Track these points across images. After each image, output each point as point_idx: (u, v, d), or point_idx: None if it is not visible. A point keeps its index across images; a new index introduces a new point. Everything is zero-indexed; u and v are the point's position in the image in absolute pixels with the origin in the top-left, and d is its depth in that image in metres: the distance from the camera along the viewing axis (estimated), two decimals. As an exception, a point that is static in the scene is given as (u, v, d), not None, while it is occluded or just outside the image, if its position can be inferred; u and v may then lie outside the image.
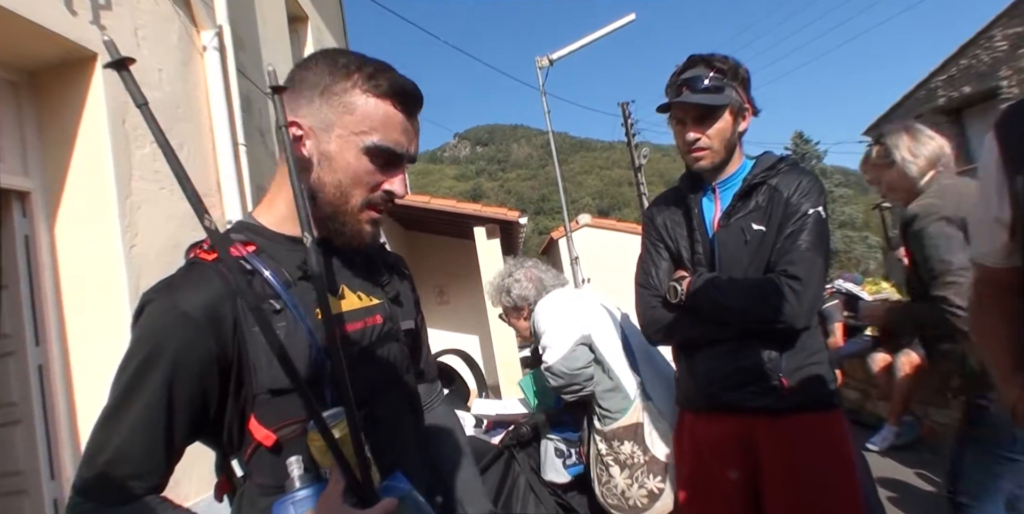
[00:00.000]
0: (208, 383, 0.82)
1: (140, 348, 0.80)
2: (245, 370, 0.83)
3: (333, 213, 0.93)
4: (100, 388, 0.84)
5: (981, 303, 1.30)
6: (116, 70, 0.76)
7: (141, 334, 0.82)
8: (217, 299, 0.82)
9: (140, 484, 0.78)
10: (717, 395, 1.60)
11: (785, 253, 1.54)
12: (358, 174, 0.91)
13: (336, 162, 0.90)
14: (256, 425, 0.83)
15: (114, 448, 0.77)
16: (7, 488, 2.53)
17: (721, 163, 1.66)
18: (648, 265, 1.78)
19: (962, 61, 13.41)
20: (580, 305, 2.32)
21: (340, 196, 0.91)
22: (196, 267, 0.86)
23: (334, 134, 0.90)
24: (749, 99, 1.67)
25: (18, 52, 2.71)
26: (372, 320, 0.97)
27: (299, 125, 0.90)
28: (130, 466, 0.77)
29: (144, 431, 0.78)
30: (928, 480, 3.80)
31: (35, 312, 2.68)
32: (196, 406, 0.81)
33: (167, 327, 0.80)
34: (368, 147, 0.90)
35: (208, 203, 3.59)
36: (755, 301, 1.52)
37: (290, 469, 0.80)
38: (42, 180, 2.85)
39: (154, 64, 3.33)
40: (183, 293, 0.82)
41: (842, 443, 1.57)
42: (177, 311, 0.80)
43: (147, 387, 0.78)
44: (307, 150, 0.90)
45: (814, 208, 1.56)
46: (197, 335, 0.80)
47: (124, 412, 0.78)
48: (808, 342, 1.57)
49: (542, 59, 11.40)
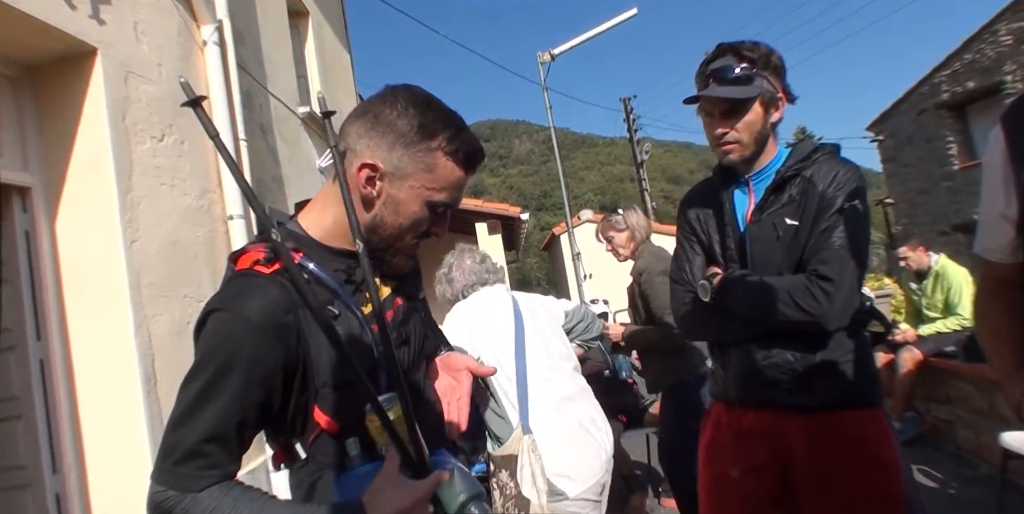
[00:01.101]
0: (274, 385, 0.89)
1: (214, 356, 0.87)
2: (309, 371, 0.92)
3: (384, 248, 1.01)
4: (101, 382, 0.86)
5: (985, 299, 1.28)
6: (191, 108, 0.86)
7: (212, 344, 0.88)
8: (281, 310, 0.89)
9: (215, 472, 0.85)
10: (752, 391, 1.56)
11: (817, 251, 1.47)
12: (418, 222, 1.00)
13: (402, 208, 0.98)
14: (320, 414, 0.92)
15: (193, 440, 0.84)
16: (10, 482, 2.54)
17: (752, 156, 1.58)
18: (682, 260, 1.72)
19: (966, 56, 13.34)
20: (484, 318, 2.24)
21: (396, 237, 1.00)
22: (257, 279, 0.91)
23: (407, 184, 0.97)
24: (783, 87, 1.58)
25: (18, 47, 2.70)
26: (397, 302, 1.08)
27: (376, 167, 0.96)
28: (208, 457, 0.85)
29: (221, 425, 0.85)
30: (930, 476, 3.80)
31: (36, 307, 2.68)
32: (263, 405, 0.89)
33: (240, 337, 0.87)
34: (434, 203, 0.99)
35: (209, 199, 3.61)
36: (784, 303, 1.46)
37: (349, 449, 0.91)
38: (42, 176, 2.84)
39: (154, 59, 3.32)
40: (250, 304, 0.88)
41: (880, 442, 1.49)
42: (248, 322, 0.87)
43: (222, 392, 0.85)
44: (376, 189, 0.97)
45: (850, 202, 1.48)
46: (267, 344, 0.87)
47: (203, 410, 0.85)
48: (844, 339, 1.51)
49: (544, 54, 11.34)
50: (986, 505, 3.17)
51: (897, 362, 4.45)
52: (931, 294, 4.54)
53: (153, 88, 3.25)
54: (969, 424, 4.02)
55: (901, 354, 4.44)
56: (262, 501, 0.85)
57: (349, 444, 0.91)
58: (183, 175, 3.39)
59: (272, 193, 4.60)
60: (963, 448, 4.10)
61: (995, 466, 3.33)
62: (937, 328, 4.39)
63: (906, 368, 4.38)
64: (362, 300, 1.00)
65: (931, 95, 14.46)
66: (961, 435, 4.13)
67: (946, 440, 4.33)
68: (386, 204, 0.98)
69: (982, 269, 1.27)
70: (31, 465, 2.53)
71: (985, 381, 3.71)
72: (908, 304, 4.94)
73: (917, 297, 4.70)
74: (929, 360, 4.33)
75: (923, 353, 4.35)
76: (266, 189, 4.45)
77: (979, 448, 3.88)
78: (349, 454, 0.91)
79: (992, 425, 3.53)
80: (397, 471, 0.86)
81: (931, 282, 4.53)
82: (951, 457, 4.11)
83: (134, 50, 3.16)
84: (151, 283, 2.92)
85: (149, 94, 3.21)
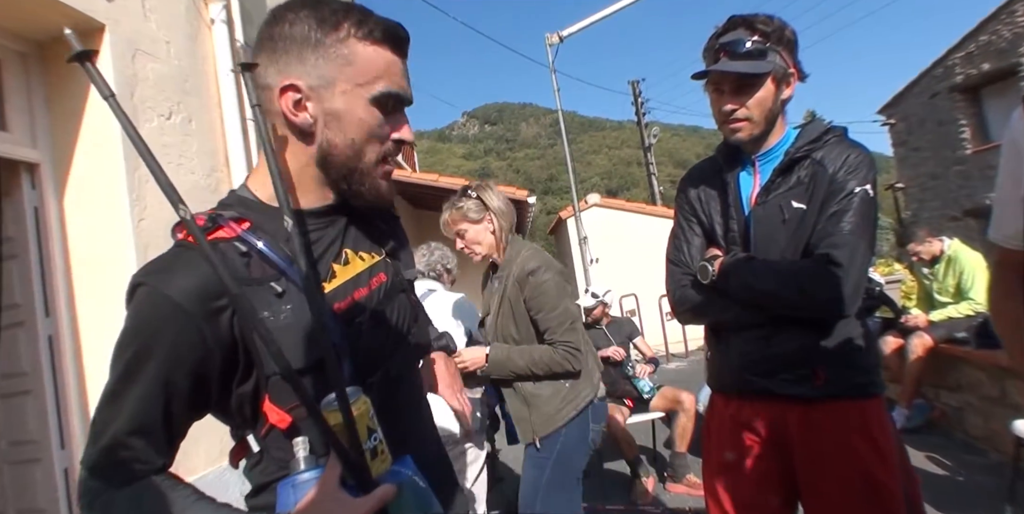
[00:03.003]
0: (207, 371, 0.79)
1: (134, 338, 0.78)
2: (253, 354, 0.81)
3: (348, 173, 0.88)
4: (108, 359, 0.83)
5: (1002, 290, 1.24)
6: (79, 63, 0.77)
7: (134, 324, 0.79)
8: (213, 287, 0.77)
9: (142, 467, 0.78)
10: (749, 381, 1.52)
11: (827, 235, 1.42)
12: (371, 128, 0.86)
13: (345, 119, 0.85)
14: (270, 406, 0.82)
15: (114, 433, 0.77)
16: (19, 457, 2.56)
17: (761, 135, 1.52)
18: (680, 241, 1.67)
19: (982, 37, 13.11)
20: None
21: (354, 155, 0.87)
22: (187, 252, 0.81)
23: (336, 90, 0.84)
24: (795, 63, 1.51)
25: (27, 22, 2.67)
26: (378, 279, 0.96)
27: (296, 88, 0.84)
28: (130, 451, 0.77)
29: (141, 419, 0.77)
30: (939, 463, 3.79)
31: (45, 283, 2.68)
32: (194, 393, 0.80)
33: (160, 318, 0.77)
34: (376, 97, 0.85)
35: (217, 177, 3.59)
36: (790, 287, 1.41)
37: (295, 449, 0.79)
38: (51, 152, 2.83)
39: (162, 37, 3.28)
40: (177, 281, 0.78)
41: (879, 431, 1.47)
42: (171, 302, 0.77)
43: (142, 378, 0.77)
44: (311, 112, 0.85)
45: (861, 186, 1.42)
46: (192, 326, 0.77)
47: (121, 399, 0.77)
48: (847, 327, 1.47)
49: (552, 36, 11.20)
50: (995, 493, 3.16)
51: (907, 348, 4.42)
52: (943, 279, 4.49)
53: (161, 66, 3.21)
54: (979, 411, 4.01)
55: (911, 340, 4.41)
56: (188, 502, 0.77)
57: (296, 444, 0.79)
58: (190, 154, 3.37)
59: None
60: (973, 435, 4.09)
61: (1006, 454, 3.32)
62: (949, 313, 4.36)
63: (916, 354, 4.35)
64: (328, 273, 0.89)
65: (944, 78, 14.26)
66: (971, 422, 4.11)
67: (955, 427, 4.31)
68: (327, 124, 0.85)
69: (996, 257, 1.22)
70: (40, 440, 2.55)
71: (996, 368, 3.69)
72: (919, 289, 4.90)
73: (928, 282, 4.65)
74: (939, 346, 4.29)
75: (934, 339, 4.32)
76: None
77: (989, 435, 3.86)
78: (296, 456, 0.79)
79: (1003, 412, 3.52)
80: (336, 483, 0.76)
81: (943, 266, 4.48)
82: (960, 445, 4.10)
83: (142, 27, 3.12)
84: (159, 262, 2.91)
85: (157, 72, 3.17)
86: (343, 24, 0.84)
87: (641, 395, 4.16)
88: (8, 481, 2.56)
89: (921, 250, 4.55)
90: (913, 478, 2.31)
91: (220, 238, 0.83)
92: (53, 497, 2.50)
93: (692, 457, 3.93)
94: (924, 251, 4.54)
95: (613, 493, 3.96)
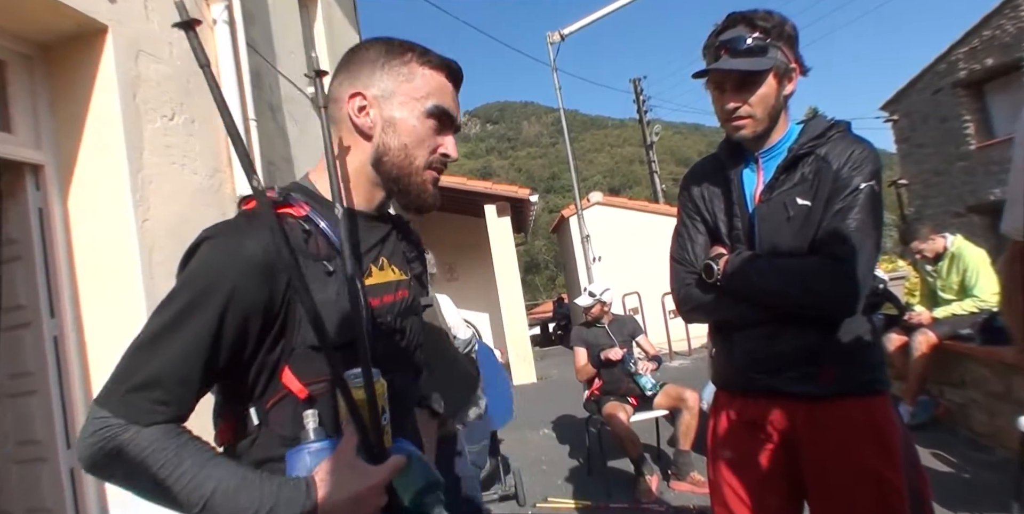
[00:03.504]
0: (252, 327, 0.85)
1: (197, 280, 0.84)
2: (290, 322, 0.86)
3: (398, 175, 0.99)
4: (114, 359, 0.84)
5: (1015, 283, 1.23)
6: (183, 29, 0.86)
7: (200, 267, 0.85)
8: (275, 253, 0.84)
9: (167, 410, 0.80)
10: (754, 379, 1.51)
11: (832, 232, 1.40)
12: (421, 136, 0.99)
13: (400, 126, 0.98)
14: (290, 377, 0.87)
15: (151, 371, 0.79)
16: (25, 456, 2.57)
17: (764, 131, 1.51)
18: (684, 239, 1.66)
19: (985, 32, 13.04)
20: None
21: (405, 158, 0.99)
22: (255, 219, 0.88)
23: (396, 101, 0.98)
24: (796, 58, 1.50)
25: (30, 24, 2.68)
26: (401, 294, 1.04)
27: (362, 95, 0.98)
28: (162, 391, 0.79)
29: (185, 359, 0.80)
30: (944, 460, 3.78)
31: (50, 284, 2.70)
32: (237, 346, 0.84)
33: (229, 266, 0.83)
34: (430, 110, 0.99)
35: (219, 178, 3.59)
36: (795, 285, 1.41)
37: (305, 421, 0.84)
38: (55, 154, 2.84)
39: (164, 37, 3.29)
40: (247, 239, 0.85)
41: (885, 429, 1.47)
42: (240, 253, 0.84)
43: (199, 318, 0.81)
44: (371, 118, 0.98)
45: (866, 182, 1.41)
46: (254, 280, 0.83)
47: (169, 340, 0.81)
48: (852, 325, 1.46)
49: (553, 34, 11.20)
50: (1001, 490, 3.14)
51: (911, 345, 4.41)
52: (946, 275, 4.48)
53: (163, 67, 3.22)
54: (984, 408, 3.99)
55: (915, 337, 4.39)
56: (207, 456, 0.79)
57: (307, 416, 0.84)
58: (193, 154, 3.38)
59: (282, 173, 4.58)
60: (978, 432, 4.08)
61: (1011, 450, 3.30)
62: (953, 310, 4.34)
63: (920, 351, 4.34)
64: (367, 270, 0.98)
65: (948, 73, 14.19)
66: (976, 419, 4.10)
67: (960, 424, 4.30)
68: (384, 129, 0.98)
69: (1010, 250, 1.21)
70: (45, 440, 2.56)
71: (1001, 364, 3.67)
72: (923, 286, 4.88)
73: (932, 279, 4.64)
74: (944, 343, 4.28)
75: (938, 336, 4.31)
76: (276, 169, 4.43)
77: (994, 432, 3.85)
78: (306, 427, 0.84)
79: (1008, 409, 3.51)
80: (354, 452, 0.82)
81: (947, 263, 4.46)
82: (965, 441, 4.09)
83: (144, 28, 3.13)
84: (162, 262, 2.92)
85: (159, 73, 3.18)
86: (407, 52, 1.00)
87: (644, 392, 4.15)
88: (15, 481, 2.58)
89: (924, 247, 4.53)
90: (923, 476, 2.30)
91: (288, 214, 0.92)
92: (60, 497, 2.51)
93: (696, 455, 3.92)
94: (927, 248, 4.52)
95: (617, 491, 3.97)
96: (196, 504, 0.76)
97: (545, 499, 4.05)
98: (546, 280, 53.78)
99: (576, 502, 3.93)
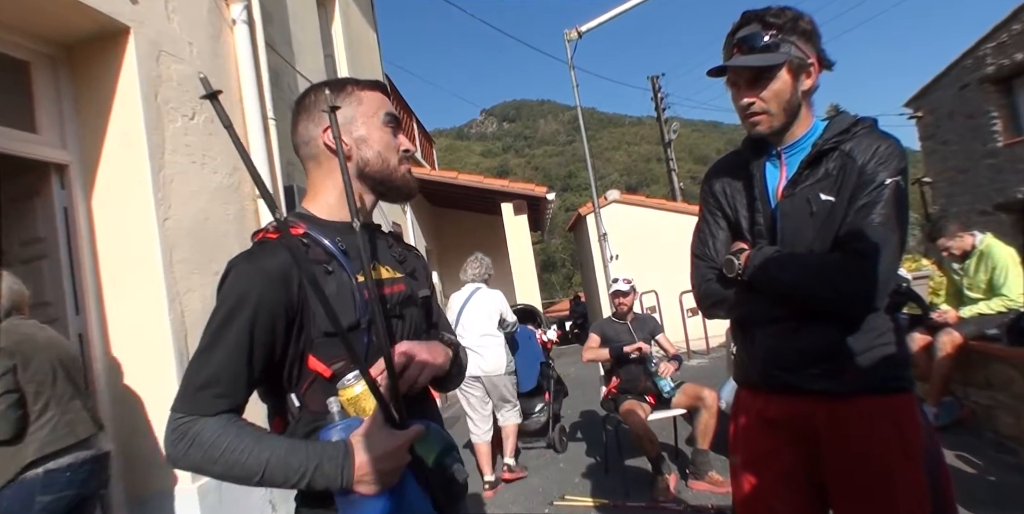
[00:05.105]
0: (279, 327, 1.03)
1: (230, 298, 1.02)
2: (306, 317, 1.05)
3: (382, 177, 1.22)
4: (136, 354, 0.86)
5: None
6: (210, 100, 0.98)
7: (231, 287, 1.04)
8: (287, 263, 1.04)
9: (226, 402, 0.99)
10: (775, 376, 1.50)
11: (856, 228, 1.39)
12: (387, 141, 1.22)
13: (370, 139, 1.21)
14: (315, 361, 1.06)
15: (208, 373, 0.98)
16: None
17: (782, 127, 1.51)
18: (705, 235, 1.66)
19: (1014, 26, 12.75)
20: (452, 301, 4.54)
21: (383, 162, 1.21)
22: (267, 243, 1.10)
23: (359, 122, 1.21)
24: (816, 52, 1.49)
25: (54, 25, 2.72)
26: (397, 287, 1.23)
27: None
28: (220, 387, 0.98)
29: (232, 360, 0.99)
30: (968, 462, 3.71)
31: (75, 282, 2.74)
32: (269, 344, 1.03)
33: (252, 281, 1.02)
34: (385, 120, 1.22)
35: (238, 177, 3.62)
36: (818, 281, 1.40)
37: (329, 407, 1.01)
38: (79, 153, 2.89)
39: (184, 37, 3.33)
40: (261, 258, 1.06)
41: (907, 428, 1.45)
42: (260, 273, 1.03)
43: (237, 324, 1.00)
44: (345, 141, 1.18)
45: (892, 178, 1.39)
46: (273, 288, 1.02)
47: (216, 347, 1.00)
48: (875, 321, 1.44)
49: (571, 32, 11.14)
50: (1027, 491, 3.09)
51: (935, 345, 4.32)
52: (974, 274, 4.38)
53: (184, 67, 3.26)
54: (1011, 409, 3.91)
55: (940, 337, 4.30)
56: (261, 433, 0.98)
57: (330, 403, 1.01)
58: (213, 153, 3.41)
59: (300, 172, 4.61)
60: (1003, 434, 4.00)
61: (1038, 452, 3.24)
62: (979, 310, 4.25)
63: (944, 351, 4.25)
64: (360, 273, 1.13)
65: (975, 68, 13.90)
66: (1001, 421, 4.02)
67: (985, 426, 4.22)
68: (358, 146, 1.20)
69: None
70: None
71: (1029, 365, 3.60)
72: (949, 284, 4.79)
73: (959, 277, 4.54)
74: (969, 343, 4.20)
75: (963, 336, 4.22)
76: (294, 168, 4.47)
77: (1021, 434, 3.77)
78: (331, 411, 1.01)
79: (1035, 410, 3.43)
80: (383, 421, 0.99)
81: (974, 261, 4.37)
82: (991, 443, 4.01)
83: (165, 28, 3.16)
84: (183, 260, 2.95)
85: (180, 73, 3.22)
86: (348, 85, 1.24)
87: (662, 394, 4.14)
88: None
89: (952, 245, 4.44)
90: (947, 476, 2.26)
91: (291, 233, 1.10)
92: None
93: (714, 454, 3.89)
94: (955, 246, 4.43)
95: (634, 490, 3.94)
96: (257, 472, 0.94)
97: (562, 496, 4.04)
98: (563, 279, 53.71)
99: (594, 500, 3.92)
